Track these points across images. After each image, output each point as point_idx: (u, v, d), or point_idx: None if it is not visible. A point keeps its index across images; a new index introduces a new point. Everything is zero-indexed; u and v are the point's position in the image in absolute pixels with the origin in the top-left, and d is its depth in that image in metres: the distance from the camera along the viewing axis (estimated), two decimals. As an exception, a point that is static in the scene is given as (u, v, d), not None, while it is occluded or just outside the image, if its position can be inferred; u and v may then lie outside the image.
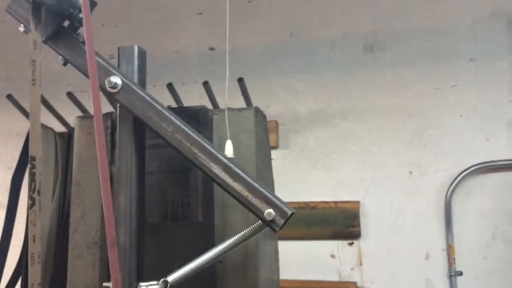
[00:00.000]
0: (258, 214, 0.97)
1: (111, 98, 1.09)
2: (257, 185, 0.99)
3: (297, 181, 1.97)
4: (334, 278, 2.02)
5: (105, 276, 1.24)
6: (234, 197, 0.99)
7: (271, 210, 0.96)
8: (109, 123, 1.32)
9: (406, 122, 2.04)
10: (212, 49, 2.39)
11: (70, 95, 2.01)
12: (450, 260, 1.90)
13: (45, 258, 1.98)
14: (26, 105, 2.11)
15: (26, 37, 2.83)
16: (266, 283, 1.28)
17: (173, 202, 1.25)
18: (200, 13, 2.41)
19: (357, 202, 2.04)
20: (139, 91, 1.07)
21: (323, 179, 2.10)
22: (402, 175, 2.02)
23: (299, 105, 2.19)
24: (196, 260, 1.05)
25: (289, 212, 0.97)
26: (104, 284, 1.11)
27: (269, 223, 0.97)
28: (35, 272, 0.96)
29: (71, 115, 1.91)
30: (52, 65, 2.55)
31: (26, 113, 2.14)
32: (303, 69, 2.23)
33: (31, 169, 1.01)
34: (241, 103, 1.83)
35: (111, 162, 1.30)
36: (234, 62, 2.34)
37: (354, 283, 2.00)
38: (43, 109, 2.12)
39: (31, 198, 0.99)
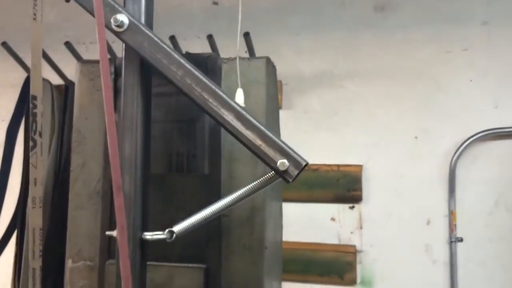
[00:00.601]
0: (271, 164, 0.93)
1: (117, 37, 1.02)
2: (270, 134, 0.95)
3: (299, 142, 1.89)
4: (333, 241, 2.01)
5: (107, 226, 1.20)
6: (246, 145, 0.95)
7: (284, 160, 0.92)
8: (113, 69, 1.25)
9: (414, 85, 1.99)
10: (215, 3, 2.30)
11: (67, 44, 1.92)
12: (451, 226, 1.89)
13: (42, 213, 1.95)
14: (22, 55, 2.03)
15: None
16: (271, 240, 1.25)
17: (179, 153, 1.20)
18: (204, -35, 2.31)
19: (360, 166, 2.01)
20: (146, 31, 1.00)
21: (326, 142, 2.06)
22: (407, 140, 1.98)
23: (304, 64, 2.12)
24: (203, 211, 1.01)
25: (303, 163, 0.93)
26: (108, 232, 1.08)
27: (282, 174, 0.93)
28: (36, 216, 0.92)
29: (69, 67, 1.84)
30: (48, 17, 2.46)
31: (21, 63, 2.06)
32: (309, 27, 2.15)
33: (32, 109, 0.95)
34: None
35: (114, 109, 1.24)
36: (236, 18, 2.27)
37: (353, 246, 1.99)
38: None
39: (32, 139, 0.94)
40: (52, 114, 2.09)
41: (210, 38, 1.80)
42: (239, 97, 1.09)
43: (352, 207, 2.02)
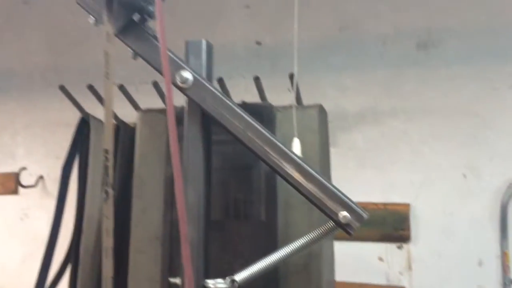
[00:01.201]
0: (332, 216, 0.95)
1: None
2: (331, 186, 0.97)
3: (344, 180, 1.89)
4: (381, 281, 1.99)
5: (168, 271, 1.24)
6: (307, 197, 0.97)
7: (346, 213, 0.94)
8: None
9: (460, 122, 1.98)
10: (259, 43, 2.37)
11: (121, 88, 2.02)
12: (505, 267, 1.84)
13: (94, 249, 2.01)
14: (76, 96, 2.14)
15: (75, 29, 2.87)
16: (327, 285, 1.26)
17: (236, 200, 1.24)
18: (248, 7, 2.39)
19: (407, 205, 1.99)
20: (209, 87, 1.06)
21: (371, 179, 2.06)
22: (456, 178, 1.96)
23: (348, 102, 2.15)
24: (264, 260, 1.03)
25: (365, 216, 0.95)
26: (171, 279, 1.12)
27: (344, 226, 0.95)
28: (108, 266, 0.97)
29: (119, 107, 1.92)
30: (99, 56, 2.58)
31: (77, 105, 2.17)
32: (352, 65, 2.18)
33: (104, 162, 1.01)
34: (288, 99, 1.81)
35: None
36: (281, 57, 2.33)
37: (403, 287, 1.96)
38: (91, 99, 2.15)
39: (105, 192, 1.00)
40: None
41: (256, 80, 1.85)
42: (296, 147, 1.12)
43: (400, 247, 1.99)
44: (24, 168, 2.56)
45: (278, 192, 1.21)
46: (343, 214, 0.94)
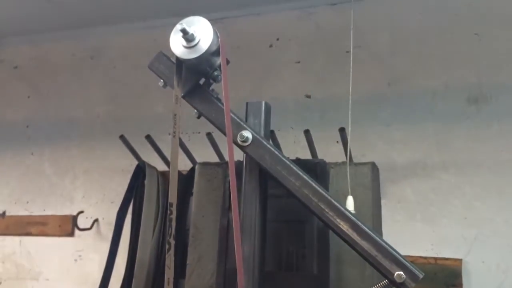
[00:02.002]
0: (387, 276, 0.97)
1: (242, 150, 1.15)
2: (386, 245, 1.00)
3: (393, 233, 1.89)
4: None
5: (221, 320, 1.27)
6: (361, 255, 1.00)
7: (401, 273, 0.96)
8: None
9: (514, 178, 1.95)
10: (308, 96, 2.45)
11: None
12: None
13: (144, 290, 2.07)
14: (133, 144, 2.27)
15: (135, 82, 3.05)
16: None
17: (288, 252, 1.27)
18: (298, 62, 2.49)
19: (459, 260, 1.95)
20: (268, 145, 1.12)
21: (421, 233, 2.04)
22: (510, 233, 1.91)
23: (397, 155, 2.16)
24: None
25: (420, 276, 0.97)
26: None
27: (399, 286, 0.96)
28: (168, 314, 1.02)
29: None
30: (157, 108, 2.75)
31: (134, 152, 2.30)
32: (401, 119, 2.21)
33: (169, 214, 1.08)
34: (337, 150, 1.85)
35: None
36: (330, 110, 2.39)
37: None
38: (146, 148, 2.27)
39: (168, 242, 1.06)
40: (157, 198, 2.28)
41: (307, 133, 1.92)
42: (350, 204, 1.16)
43: (453, 304, 1.94)
44: (81, 212, 2.69)
45: (331, 246, 1.24)
46: (398, 273, 0.96)
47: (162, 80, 1.22)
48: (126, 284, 2.16)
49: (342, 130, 1.80)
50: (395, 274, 0.95)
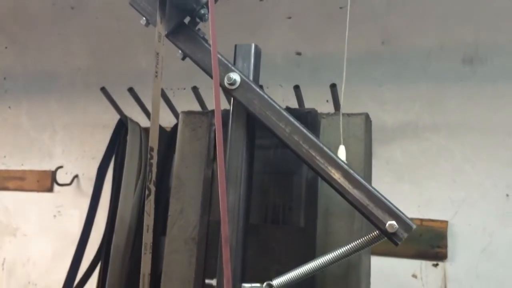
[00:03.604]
0: (379, 225, 0.93)
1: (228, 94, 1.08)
2: (379, 194, 0.95)
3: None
4: (415, 299, 1.93)
5: (201, 272, 1.23)
6: (353, 204, 0.95)
7: (394, 222, 0.91)
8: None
9: (506, 141, 1.92)
10: (299, 53, 2.36)
11: (162, 93, 2.05)
12: (547, 293, 1.76)
13: (124, 249, 2.02)
14: (115, 99, 2.18)
15: (117, 34, 2.92)
16: (364, 297, 1.23)
17: (275, 205, 1.22)
18: (290, 17, 2.39)
19: (445, 222, 1.93)
20: (257, 89, 1.05)
21: (408, 195, 2.01)
22: (498, 197, 1.89)
23: (387, 115, 2.11)
24: (303, 266, 1.01)
25: (413, 226, 0.92)
26: (207, 280, 1.11)
27: (390, 236, 0.92)
28: (146, 262, 0.96)
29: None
30: (141, 63, 2.64)
31: (115, 106, 2.21)
32: (393, 79, 2.15)
33: (149, 159, 1.02)
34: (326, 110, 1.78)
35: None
36: (321, 68, 2.31)
37: (437, 307, 1.90)
38: (129, 103, 2.18)
39: (147, 188, 1.00)
40: (139, 155, 2.20)
41: (296, 89, 1.85)
42: (342, 154, 1.10)
43: (436, 265, 1.93)
44: (60, 167, 2.61)
45: (319, 199, 1.19)
46: (391, 223, 0.91)
47: (144, 18, 1.13)
48: (106, 241, 2.11)
49: (333, 86, 1.74)
50: (387, 224, 0.91)
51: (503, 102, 1.94)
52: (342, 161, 0.97)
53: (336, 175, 0.96)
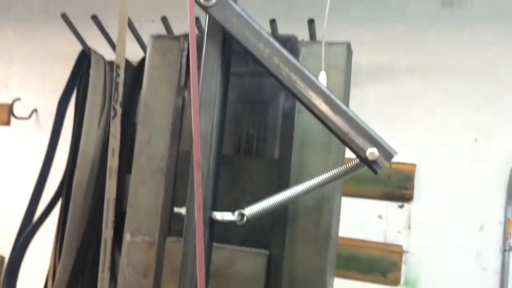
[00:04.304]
0: (359, 153, 0.89)
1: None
2: (360, 121, 0.91)
3: (351, 136, 1.83)
4: (379, 239, 1.96)
5: (169, 204, 1.18)
6: (333, 131, 0.91)
7: (374, 150, 0.88)
8: (186, 45, 1.22)
9: (478, 84, 1.91)
10: (274, -12, 2.25)
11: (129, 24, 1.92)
12: (506, 234, 1.82)
13: (87, 186, 1.95)
14: (77, 29, 2.03)
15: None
16: (335, 233, 1.22)
17: (249, 135, 1.17)
18: None
19: (414, 165, 1.95)
20: (235, 6, 0.97)
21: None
22: (467, 141, 1.91)
23: (362, 56, 2.06)
24: (276, 196, 0.98)
25: (394, 154, 0.89)
26: (176, 209, 1.06)
27: (370, 164, 0.89)
28: (111, 187, 0.90)
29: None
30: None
31: (77, 35, 2.06)
32: (370, 19, 2.08)
33: (115, 77, 0.93)
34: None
35: (184, 86, 1.22)
36: (296, 5, 2.22)
37: (400, 246, 1.94)
38: (92, 33, 2.04)
39: (113, 108, 0.92)
40: (103, 89, 2.08)
41: (272, 23, 1.76)
42: (322, 81, 1.05)
43: (402, 206, 1.96)
44: (17, 99, 2.46)
45: (295, 131, 1.14)
46: (371, 150, 0.88)
47: None
48: (67, 177, 2.02)
49: (311, 22, 1.66)
50: (367, 152, 0.87)
51: (480, 46, 1.92)
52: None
53: (317, 101, 0.90)
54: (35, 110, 2.44)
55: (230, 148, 1.17)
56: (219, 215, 1.00)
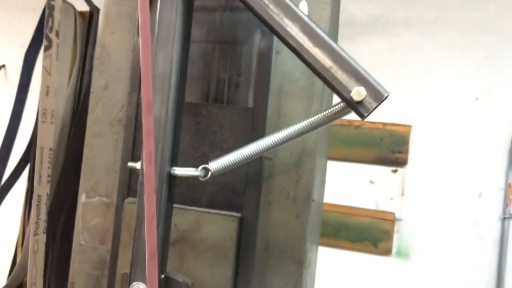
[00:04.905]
0: (342, 93, 0.74)
1: None
2: (345, 55, 0.75)
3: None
4: (370, 206, 1.83)
5: (129, 160, 1.03)
6: (311, 67, 0.75)
7: (361, 89, 0.72)
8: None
9: (481, 39, 1.75)
10: None
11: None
12: (507, 201, 1.69)
13: (58, 145, 1.80)
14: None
15: None
16: (317, 195, 1.07)
17: (219, 80, 1.01)
18: None
19: (409, 126, 1.80)
20: None
21: (372, 96, 1.84)
22: (467, 101, 1.76)
23: (356, 8, 1.88)
24: (245, 148, 0.82)
25: (385, 94, 0.74)
26: (130, 163, 0.91)
27: (355, 106, 0.73)
28: (46, 133, 0.75)
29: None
30: None
31: (43, -18, 1.87)
32: (366, -33, 1.90)
33: (49, 1, 0.76)
34: None
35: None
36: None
37: (392, 213, 1.81)
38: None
39: (47, 38, 0.76)
40: (74, 42, 1.91)
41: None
42: (303, 11, 0.88)
43: (395, 171, 1.82)
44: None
45: (272, 75, 0.98)
46: (357, 89, 0.72)
47: None
48: (36, 137, 1.87)
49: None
50: (352, 91, 0.72)
51: (484, -3, 1.75)
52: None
53: (294, 30, 0.74)
54: (3, 66, 2.26)
55: (197, 95, 1.01)
56: (179, 170, 0.84)
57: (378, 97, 0.72)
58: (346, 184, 1.85)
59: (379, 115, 1.82)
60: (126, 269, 0.83)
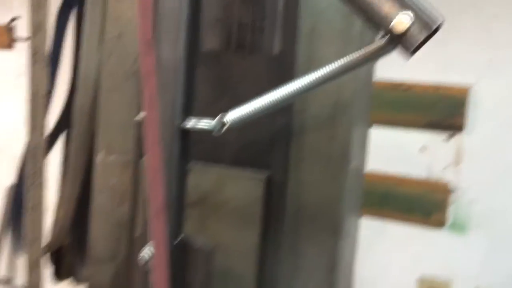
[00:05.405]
0: (383, 22, 0.59)
1: None
2: (385, -25, 0.60)
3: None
4: (421, 175, 1.66)
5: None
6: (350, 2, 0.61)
7: (405, 17, 0.58)
8: None
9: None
10: None
11: None
12: None
13: (90, 111, 1.76)
14: None
15: None
16: (358, 160, 0.94)
17: (241, 24, 0.88)
18: None
19: (466, 88, 1.60)
20: None
21: (423, 54, 1.63)
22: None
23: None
24: (264, 96, 0.71)
25: (437, 22, 0.59)
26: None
27: (398, 38, 0.59)
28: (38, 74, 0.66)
29: None
30: None
31: None
32: None
33: None
34: None
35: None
36: None
37: (445, 184, 1.63)
38: None
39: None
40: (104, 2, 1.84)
41: None
42: None
43: (451, 136, 1.63)
44: (14, 19, 2.25)
45: (301, 17, 0.85)
46: (401, 18, 0.57)
47: None
48: (69, 99, 1.84)
49: None
50: (395, 19, 0.57)
51: None
52: None
53: None
54: (14, 19, 2.23)
55: (217, 41, 0.90)
56: (190, 123, 0.74)
57: (427, 26, 0.58)
58: (395, 152, 1.69)
59: (432, 75, 1.64)
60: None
